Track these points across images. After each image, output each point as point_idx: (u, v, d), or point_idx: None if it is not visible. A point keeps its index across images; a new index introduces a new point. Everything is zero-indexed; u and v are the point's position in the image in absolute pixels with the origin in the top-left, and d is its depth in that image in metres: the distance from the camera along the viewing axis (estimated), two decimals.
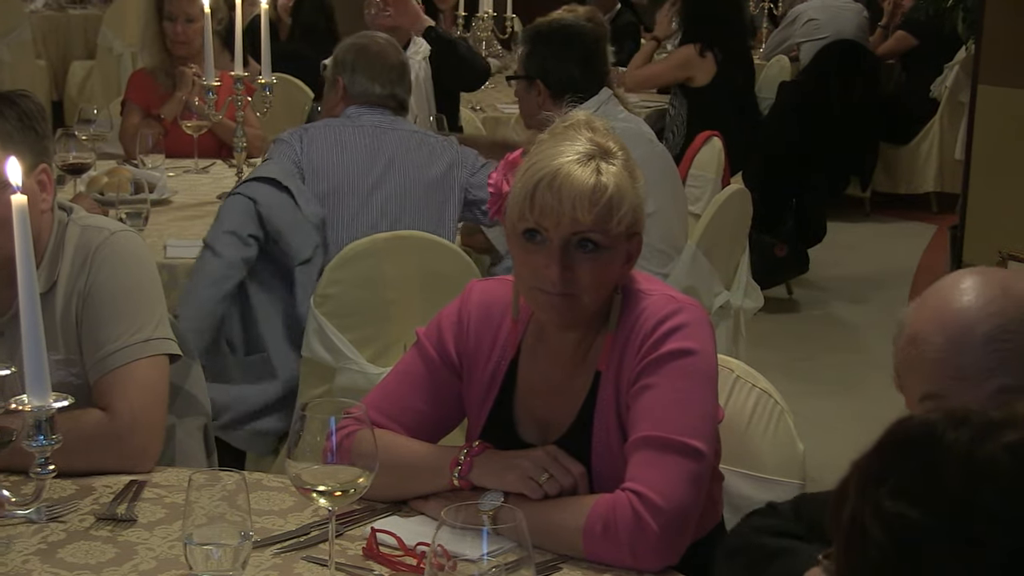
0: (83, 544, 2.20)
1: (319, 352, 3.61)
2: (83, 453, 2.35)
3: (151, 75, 5.50)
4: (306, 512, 2.31)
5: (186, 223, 4.41)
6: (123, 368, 2.56)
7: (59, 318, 2.59)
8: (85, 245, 2.65)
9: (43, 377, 1.70)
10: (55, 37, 10.09)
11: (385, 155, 3.99)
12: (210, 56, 4.74)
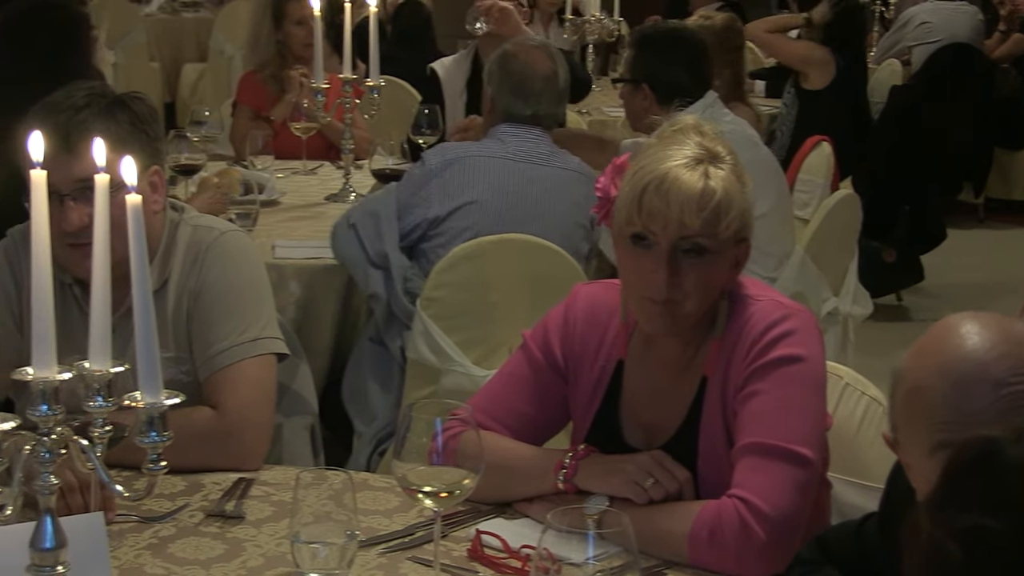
0: (193, 540, 2.23)
1: (424, 354, 3.62)
2: (193, 450, 2.37)
3: (261, 77, 5.57)
4: (411, 512, 2.32)
5: (294, 224, 4.45)
6: (232, 366, 2.59)
7: (170, 316, 2.63)
8: (196, 244, 2.68)
9: (156, 374, 1.72)
10: (168, 40, 10.25)
11: (529, 197, 3.88)
12: (319, 58, 4.78)
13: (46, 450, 1.71)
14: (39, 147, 1.71)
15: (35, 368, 1.69)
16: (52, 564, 1.69)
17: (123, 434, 1.84)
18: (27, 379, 1.70)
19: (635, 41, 4.30)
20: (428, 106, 5.12)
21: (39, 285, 1.69)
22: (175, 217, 2.72)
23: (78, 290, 2.61)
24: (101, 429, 1.77)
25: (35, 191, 1.69)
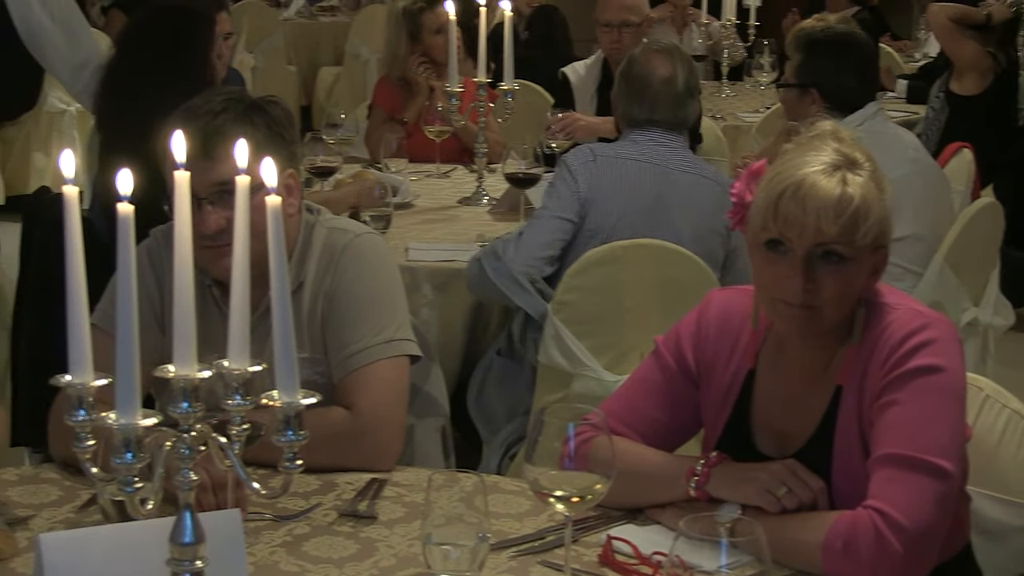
0: (326, 539, 2.26)
1: (556, 358, 3.63)
2: (327, 450, 2.40)
3: (394, 82, 5.62)
4: (542, 516, 2.32)
5: (427, 227, 4.48)
6: (366, 368, 2.62)
7: (305, 317, 2.66)
8: (331, 246, 2.71)
9: (293, 374, 1.75)
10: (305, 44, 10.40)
11: (663, 201, 3.87)
12: (454, 62, 4.81)
13: (186, 447, 1.74)
14: (181, 149, 1.74)
15: (176, 366, 1.72)
16: (191, 558, 1.72)
17: (259, 432, 1.86)
18: (169, 377, 1.73)
19: (803, 45, 4.24)
20: (560, 110, 5.13)
21: (181, 285, 1.72)
22: (310, 219, 2.75)
23: (217, 291, 2.65)
24: (239, 427, 1.79)
25: (178, 193, 1.72)
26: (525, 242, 3.78)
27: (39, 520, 2.31)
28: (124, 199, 1.68)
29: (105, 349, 1.79)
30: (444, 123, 5.15)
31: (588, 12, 6.04)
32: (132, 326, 1.69)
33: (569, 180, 3.86)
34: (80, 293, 1.75)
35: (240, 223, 1.77)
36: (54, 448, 2.58)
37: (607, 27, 5.70)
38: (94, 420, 1.75)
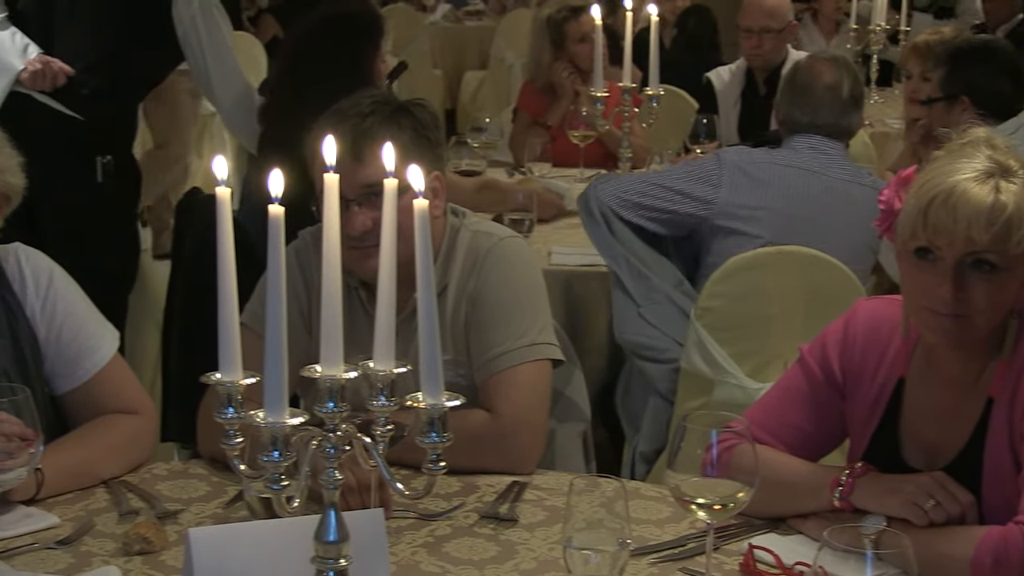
0: (467, 540, 2.27)
1: (698, 364, 3.60)
2: (468, 452, 2.41)
3: (539, 87, 5.64)
4: (683, 523, 2.31)
5: (569, 231, 4.49)
6: (508, 371, 2.63)
7: (449, 320, 2.68)
8: (475, 250, 2.73)
9: (437, 376, 1.76)
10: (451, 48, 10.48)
11: (821, 209, 3.84)
12: (599, 66, 4.80)
13: (332, 446, 1.76)
14: (331, 152, 1.77)
15: (323, 366, 1.75)
16: (335, 557, 1.75)
17: (403, 433, 1.88)
18: (315, 376, 1.76)
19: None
20: (705, 116, 5.10)
21: (329, 285, 1.74)
22: (455, 223, 2.77)
23: (363, 293, 2.69)
24: (383, 428, 1.81)
25: (327, 195, 1.75)
26: (624, 179, 3.81)
27: (188, 514, 2.36)
28: (275, 201, 1.71)
29: (253, 348, 1.82)
30: (588, 128, 5.15)
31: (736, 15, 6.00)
32: (281, 326, 1.72)
33: (714, 171, 3.85)
34: (231, 293, 1.78)
35: (387, 225, 1.79)
36: (203, 444, 2.64)
37: (748, 32, 5.68)
38: (243, 418, 1.78)
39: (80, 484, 2.43)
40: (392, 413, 1.80)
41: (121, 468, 2.51)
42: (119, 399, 2.58)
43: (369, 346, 1.80)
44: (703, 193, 3.83)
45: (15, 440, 2.15)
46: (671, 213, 3.84)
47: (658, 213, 3.84)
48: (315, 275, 2.68)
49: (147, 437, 2.61)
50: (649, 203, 3.83)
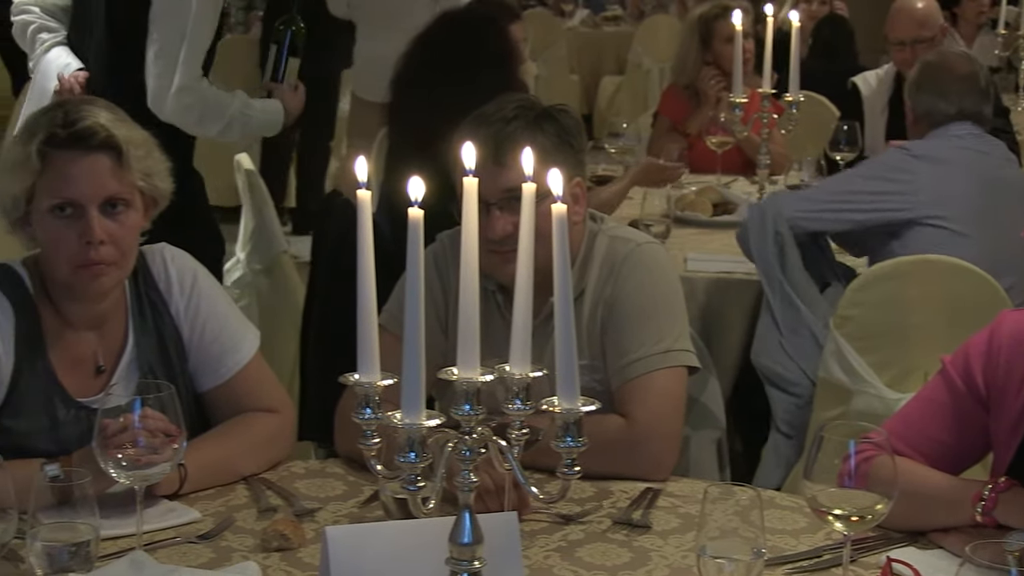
0: (600, 546, 2.27)
1: (836, 374, 3.56)
2: (602, 457, 2.40)
3: (682, 91, 5.61)
4: (819, 534, 2.28)
5: (706, 237, 4.46)
6: (643, 377, 2.62)
7: (585, 325, 2.68)
8: (613, 255, 2.72)
9: (573, 381, 1.76)
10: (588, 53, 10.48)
11: (1001, 201, 3.82)
12: (739, 72, 4.77)
13: (467, 448, 1.77)
14: (471, 156, 1.78)
15: (460, 369, 1.76)
16: (469, 559, 1.75)
17: (538, 437, 1.89)
18: (452, 379, 1.77)
19: None
20: (847, 122, 5.03)
21: (467, 289, 1.75)
22: (594, 228, 2.77)
23: (500, 297, 2.70)
24: (518, 431, 1.82)
25: (467, 199, 1.76)
26: (808, 195, 3.77)
27: (325, 513, 2.39)
28: (415, 204, 1.72)
29: (390, 350, 1.84)
30: (726, 134, 5.12)
31: (876, 22, 5.90)
32: (419, 329, 1.73)
33: (904, 161, 3.82)
34: (370, 295, 1.80)
35: (526, 229, 1.79)
36: (340, 444, 2.67)
37: (900, 45, 5.52)
38: (380, 419, 1.80)
39: (221, 480, 2.48)
40: (527, 417, 1.80)
41: (260, 465, 2.55)
42: (259, 397, 2.63)
43: (504, 349, 1.81)
44: (902, 186, 3.80)
45: (160, 436, 2.20)
46: (870, 214, 3.80)
47: (855, 223, 3.81)
48: (452, 278, 2.70)
49: (286, 435, 2.65)
50: (847, 215, 3.80)
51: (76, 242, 2.40)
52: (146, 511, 2.22)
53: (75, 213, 2.41)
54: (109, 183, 2.42)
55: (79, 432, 2.42)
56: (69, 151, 2.41)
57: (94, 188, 2.41)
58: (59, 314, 2.50)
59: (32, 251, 2.53)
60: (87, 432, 2.27)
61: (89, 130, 2.41)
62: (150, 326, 2.57)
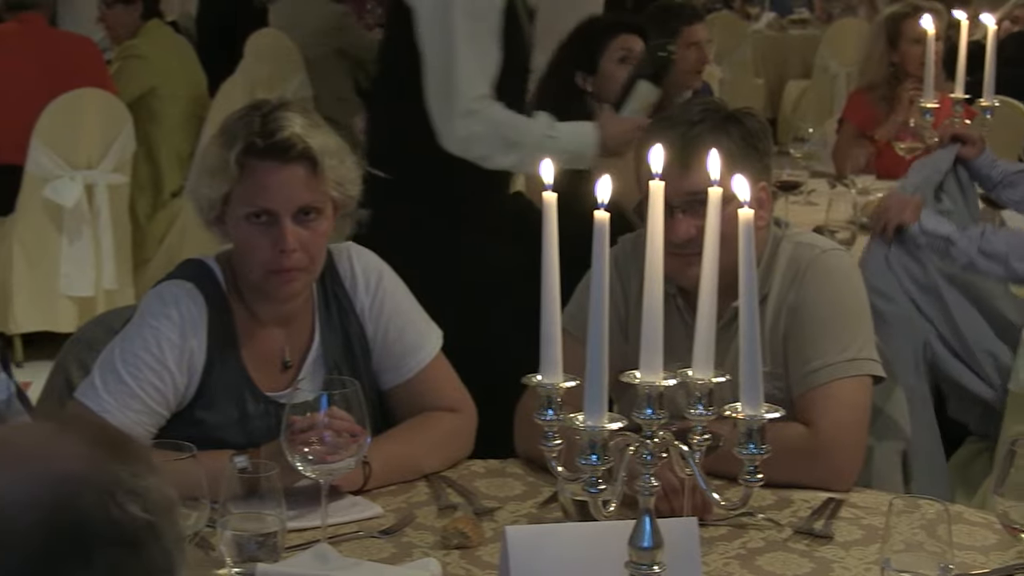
0: (780, 555, 2.24)
1: None
2: (783, 465, 2.36)
3: (870, 97, 5.51)
4: (1010, 552, 2.21)
5: None
6: (827, 385, 2.58)
7: (768, 331, 2.65)
8: (796, 261, 2.69)
9: (757, 387, 1.74)
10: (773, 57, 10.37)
11: None
12: (930, 76, 4.66)
13: (648, 452, 1.77)
14: (658, 159, 1.77)
15: (642, 372, 1.75)
16: (649, 563, 1.75)
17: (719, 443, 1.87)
18: (634, 382, 1.76)
19: None
20: None
21: (651, 292, 1.75)
22: (778, 233, 2.74)
23: (681, 300, 2.68)
24: (700, 436, 1.81)
25: (652, 202, 1.75)
26: None
27: (503, 512, 2.41)
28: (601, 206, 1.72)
29: (570, 351, 1.84)
30: (916, 139, 5.01)
31: None
32: (602, 331, 1.73)
33: None
34: (554, 296, 1.81)
35: (711, 234, 1.78)
36: (519, 444, 2.69)
37: None
38: (562, 420, 1.80)
39: (404, 477, 2.52)
40: (709, 422, 1.79)
41: (442, 463, 2.58)
42: (441, 396, 2.66)
43: (684, 353, 1.80)
44: None
45: (344, 435, 2.24)
46: None
47: None
48: (633, 281, 2.69)
49: (467, 434, 2.68)
50: None
51: (269, 249, 2.46)
52: (330, 505, 2.26)
53: (269, 220, 2.46)
54: (303, 193, 2.47)
55: (267, 425, 2.48)
56: (266, 161, 2.45)
57: (289, 198, 2.46)
58: (249, 310, 2.56)
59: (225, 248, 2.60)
60: (275, 426, 2.33)
61: (287, 142, 2.45)
62: (336, 324, 2.62)
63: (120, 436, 1.19)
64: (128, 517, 1.09)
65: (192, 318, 2.50)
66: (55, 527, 1.07)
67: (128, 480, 1.11)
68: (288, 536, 2.14)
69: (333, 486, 2.30)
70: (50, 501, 1.08)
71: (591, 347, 1.73)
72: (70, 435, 1.14)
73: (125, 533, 1.09)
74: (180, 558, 1.13)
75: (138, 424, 2.44)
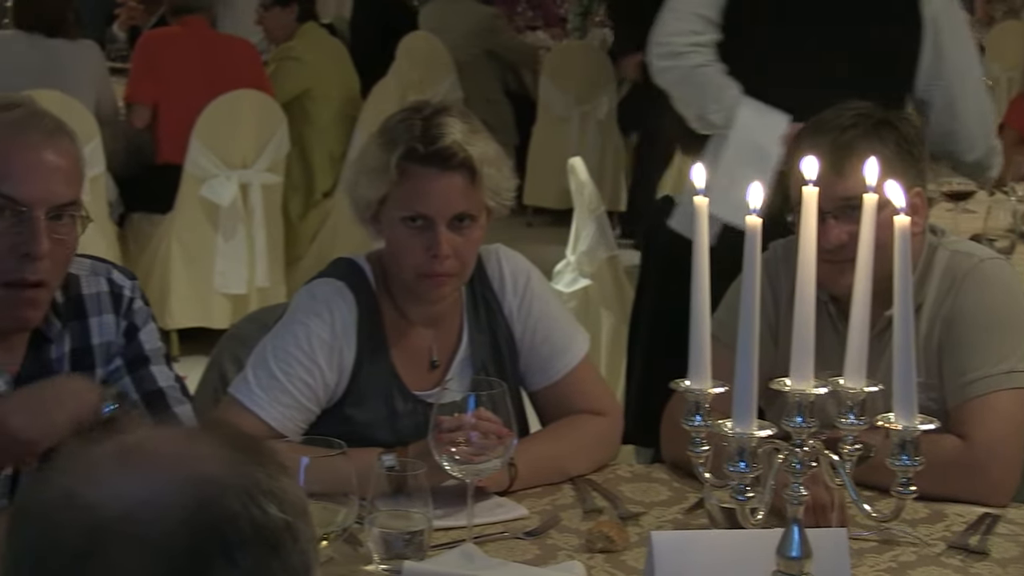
0: (933, 569, 2.19)
1: None
2: (936, 478, 2.32)
3: None
4: None
5: None
6: (983, 398, 2.52)
7: (921, 341, 2.59)
8: (953, 270, 2.63)
9: (912, 398, 1.71)
10: None
11: None
12: None
13: (798, 461, 1.75)
14: (812, 165, 1.75)
15: (793, 380, 1.73)
16: (797, 573, 1.73)
17: (870, 453, 1.84)
18: (784, 390, 1.74)
19: None
20: None
21: (803, 299, 1.73)
22: (933, 241, 2.68)
23: (832, 308, 2.64)
24: (851, 446, 1.78)
25: (805, 208, 1.73)
26: None
27: (649, 517, 2.39)
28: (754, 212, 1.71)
29: (719, 357, 1.83)
30: None
31: None
32: (753, 337, 1.72)
33: None
34: (704, 302, 1.80)
35: (865, 241, 1.76)
36: (666, 449, 2.67)
37: None
38: (710, 426, 1.79)
39: (549, 479, 2.52)
40: (861, 432, 1.76)
41: (587, 467, 2.58)
42: (587, 399, 2.65)
43: (835, 362, 1.77)
44: None
45: (491, 436, 2.25)
46: None
47: None
48: (783, 287, 2.66)
49: (613, 438, 2.67)
50: None
51: (423, 253, 2.48)
52: (476, 505, 2.27)
53: (424, 225, 2.47)
54: (460, 201, 2.48)
55: (415, 424, 2.50)
56: (426, 168, 2.46)
57: (446, 205, 2.47)
58: (398, 309, 2.59)
59: (375, 248, 2.63)
60: (422, 424, 2.34)
61: (448, 150, 2.46)
62: (484, 325, 2.64)
63: (252, 438, 1.21)
64: (268, 518, 1.11)
65: (342, 316, 2.53)
66: (199, 528, 1.09)
67: (266, 481, 1.13)
68: (434, 535, 2.15)
69: (479, 486, 2.31)
70: (193, 502, 1.10)
71: (741, 352, 1.71)
72: (207, 438, 1.17)
73: (266, 534, 1.11)
74: (315, 559, 1.15)
75: (288, 419, 2.48)
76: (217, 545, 1.09)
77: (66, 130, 2.17)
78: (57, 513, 1.11)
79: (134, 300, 2.33)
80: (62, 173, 2.12)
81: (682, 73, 3.62)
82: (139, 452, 1.15)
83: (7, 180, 2.07)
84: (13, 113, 2.14)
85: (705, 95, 3.61)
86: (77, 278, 2.27)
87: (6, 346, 2.19)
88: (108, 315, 2.30)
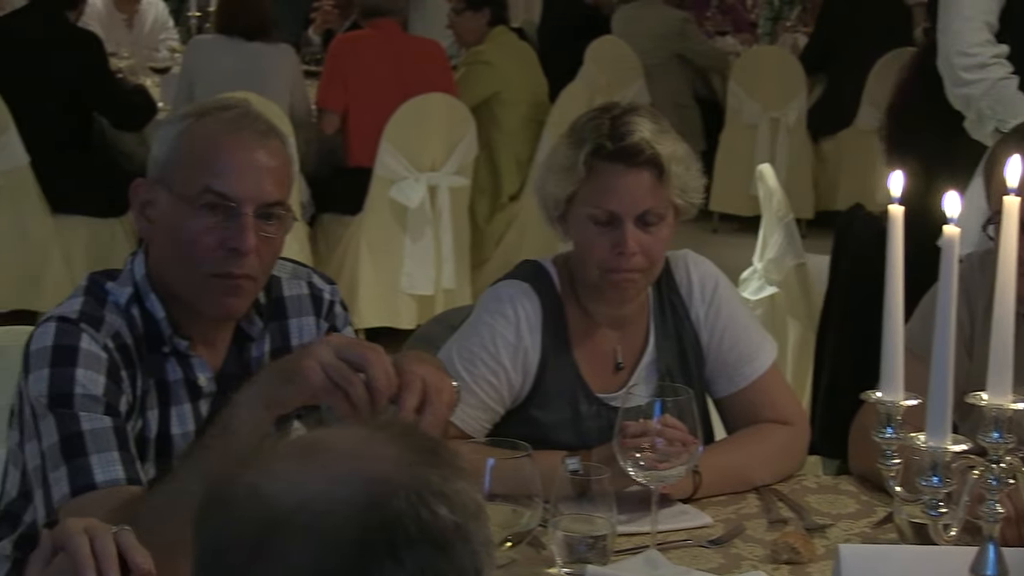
0: None
1: None
2: None
3: None
4: None
5: None
6: None
7: None
8: None
9: None
10: None
11: None
12: None
13: (994, 477, 1.70)
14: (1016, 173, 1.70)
15: (989, 394, 1.69)
16: None
17: None
18: (980, 404, 1.70)
19: None
20: None
21: (1001, 311, 1.68)
22: None
23: None
24: None
25: (1006, 219, 1.69)
26: None
27: (836, 530, 2.35)
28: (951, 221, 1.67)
29: (910, 369, 1.79)
30: None
31: None
32: (948, 350, 1.68)
33: None
34: (897, 312, 1.77)
35: None
36: (854, 461, 2.62)
37: None
38: (901, 439, 1.76)
39: (734, 488, 2.49)
40: None
41: (773, 476, 2.55)
42: (773, 408, 2.62)
43: None
44: None
45: (676, 443, 2.24)
46: None
47: None
48: (979, 299, 2.59)
49: (799, 448, 2.63)
50: None
51: (609, 251, 2.48)
52: (660, 512, 2.26)
53: (611, 223, 2.48)
54: (647, 199, 2.48)
55: (599, 427, 2.50)
56: (614, 164, 2.47)
57: (633, 202, 2.47)
58: (584, 311, 2.59)
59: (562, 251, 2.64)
60: (606, 428, 2.34)
61: (636, 147, 2.46)
62: (671, 330, 2.63)
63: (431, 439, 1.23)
64: (437, 519, 1.12)
65: (528, 317, 2.55)
66: (368, 526, 1.11)
67: (437, 483, 1.14)
68: (617, 540, 2.15)
69: (662, 493, 2.30)
70: (363, 500, 1.12)
71: (936, 364, 1.68)
72: (384, 438, 1.19)
73: (434, 534, 1.12)
74: (488, 561, 1.16)
75: (473, 419, 2.50)
76: (384, 544, 1.11)
77: (278, 132, 2.22)
78: (239, 505, 1.15)
79: (334, 304, 2.38)
80: (272, 173, 2.17)
81: (989, 86, 3.58)
82: (319, 449, 1.18)
83: (220, 177, 2.13)
84: (229, 113, 2.20)
85: (1010, 108, 3.56)
86: (279, 280, 2.33)
87: (211, 343, 2.25)
88: (308, 317, 2.35)
